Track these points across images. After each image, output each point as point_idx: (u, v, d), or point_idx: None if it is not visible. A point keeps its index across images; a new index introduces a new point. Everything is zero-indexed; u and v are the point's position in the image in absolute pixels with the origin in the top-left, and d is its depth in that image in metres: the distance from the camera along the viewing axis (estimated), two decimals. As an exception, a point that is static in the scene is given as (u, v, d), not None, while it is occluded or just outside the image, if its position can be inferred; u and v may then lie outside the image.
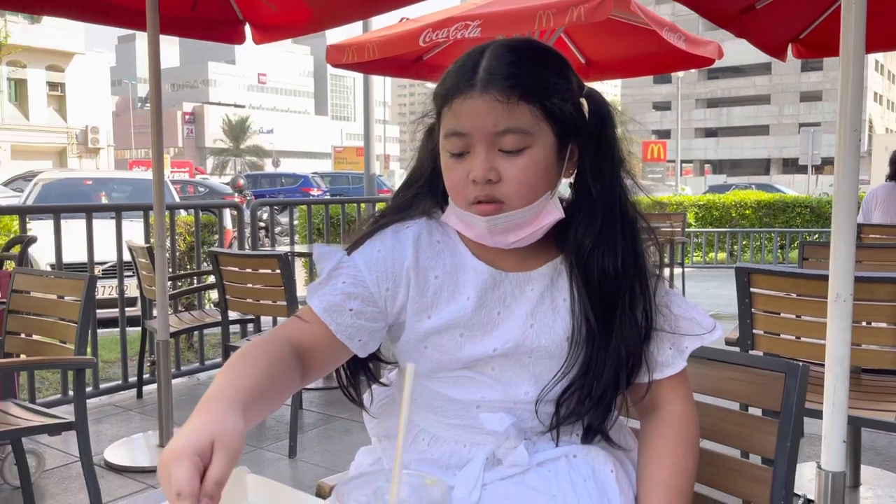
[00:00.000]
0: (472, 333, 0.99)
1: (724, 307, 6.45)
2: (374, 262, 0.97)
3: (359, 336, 0.96)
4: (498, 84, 0.91)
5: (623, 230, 0.99)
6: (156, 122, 3.15)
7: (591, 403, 0.99)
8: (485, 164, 0.92)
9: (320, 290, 0.97)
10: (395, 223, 1.02)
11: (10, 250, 3.58)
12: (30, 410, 2.43)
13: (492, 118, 0.91)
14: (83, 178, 8.95)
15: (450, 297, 0.99)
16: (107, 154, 35.64)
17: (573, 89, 0.97)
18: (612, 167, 0.99)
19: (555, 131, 0.94)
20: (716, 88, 56.10)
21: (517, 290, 1.00)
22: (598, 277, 0.97)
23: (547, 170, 0.95)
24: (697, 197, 12.27)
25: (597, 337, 0.98)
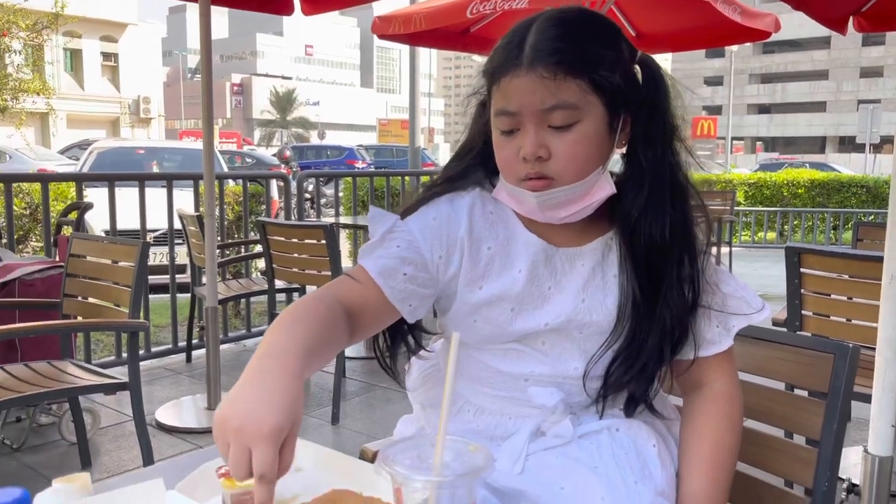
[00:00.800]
0: (523, 307, 0.99)
1: (772, 288, 6.31)
2: (428, 228, 0.97)
3: (410, 301, 0.96)
4: (543, 61, 0.89)
5: (673, 200, 0.97)
6: (207, 94, 3.20)
7: (634, 373, 0.99)
8: (534, 141, 0.91)
9: (374, 251, 0.97)
10: (450, 192, 1.02)
11: (68, 216, 3.70)
12: (86, 370, 2.52)
13: (539, 95, 0.90)
14: (136, 148, 9.17)
15: (501, 268, 0.99)
16: (158, 124, 36.35)
17: (623, 58, 0.95)
18: (663, 135, 0.97)
19: (604, 103, 0.92)
20: (771, 63, 54.28)
21: (568, 266, 1.00)
22: (644, 246, 0.96)
23: (598, 143, 0.94)
24: (748, 175, 11.98)
25: (642, 307, 0.97)
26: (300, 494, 0.85)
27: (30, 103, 8.27)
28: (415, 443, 0.74)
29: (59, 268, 2.92)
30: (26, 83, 7.92)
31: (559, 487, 0.91)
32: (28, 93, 7.94)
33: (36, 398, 2.32)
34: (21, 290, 2.87)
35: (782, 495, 1.15)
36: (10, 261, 3.05)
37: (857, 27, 3.64)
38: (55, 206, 4.76)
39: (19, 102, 7.91)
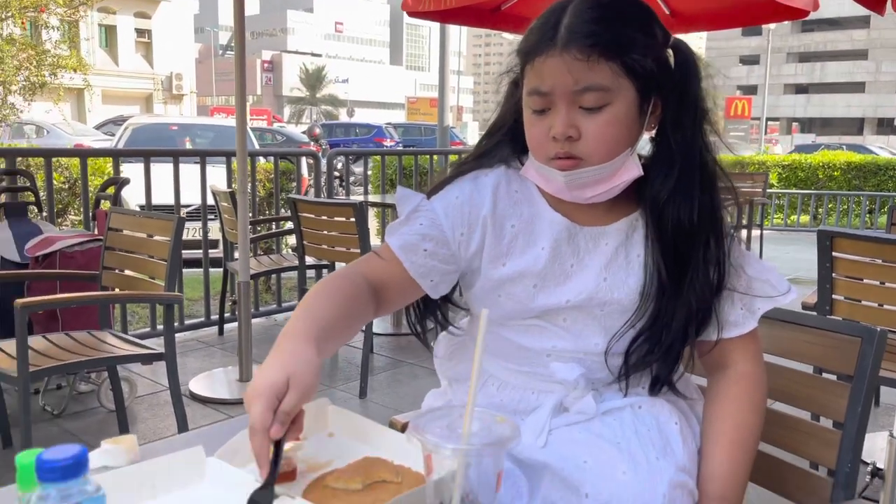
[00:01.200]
0: (545, 284, 1.01)
1: (804, 272, 6.23)
2: (451, 207, 1.01)
3: (431, 276, 1.01)
4: (578, 42, 0.91)
5: (702, 184, 0.98)
6: (240, 72, 3.24)
7: (658, 353, 1.00)
8: (565, 121, 0.93)
9: (399, 229, 1.01)
10: (475, 170, 1.04)
11: (106, 191, 3.78)
12: (124, 340, 2.60)
13: (572, 76, 0.91)
14: (169, 124, 9.29)
15: (525, 246, 1.01)
16: (190, 100, 36.67)
17: (657, 43, 0.96)
18: (694, 119, 0.98)
19: (636, 87, 0.94)
20: (809, 42, 52.87)
21: (591, 244, 1.01)
22: (672, 230, 0.98)
23: (628, 126, 0.95)
24: (782, 157, 11.77)
25: (667, 289, 0.99)
26: (334, 460, 0.89)
27: (67, 79, 8.42)
28: (444, 413, 0.77)
29: (98, 241, 3.00)
30: (64, 59, 8.06)
31: (582, 461, 0.94)
32: (66, 69, 8.08)
33: (77, 366, 2.40)
34: (62, 261, 2.97)
35: (806, 476, 1.17)
36: (51, 233, 3.14)
37: (895, 7, 3.55)
38: (93, 180, 4.87)
39: (57, 78, 8.06)
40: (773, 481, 1.19)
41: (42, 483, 0.54)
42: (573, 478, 0.92)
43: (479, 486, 0.72)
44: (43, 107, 9.52)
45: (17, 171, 3.61)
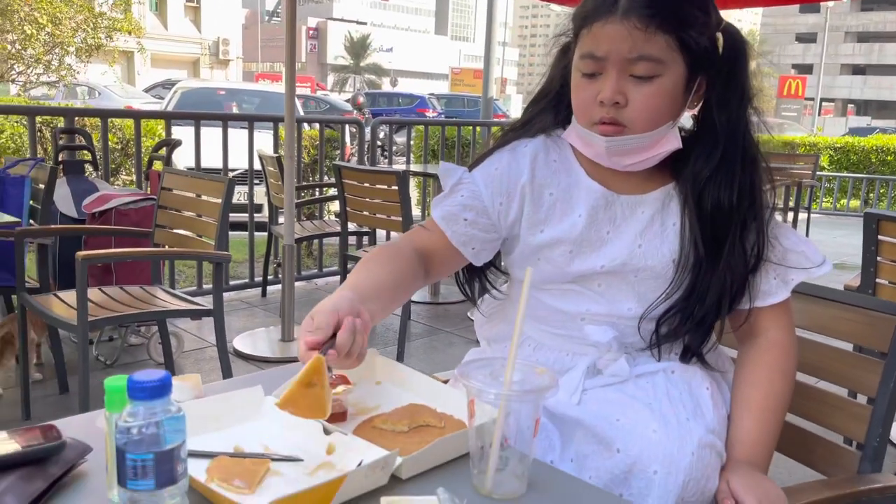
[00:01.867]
0: (582, 250, 1.05)
1: (851, 257, 6.11)
2: (490, 177, 1.06)
3: (472, 244, 1.07)
4: (638, 11, 0.94)
5: (743, 165, 1.01)
6: (290, 39, 3.29)
7: (691, 325, 1.04)
8: (614, 86, 0.96)
9: (442, 201, 1.08)
10: (514, 140, 1.09)
11: (159, 151, 3.90)
12: (174, 296, 2.71)
13: (628, 44, 0.94)
14: (217, 89, 9.43)
15: (563, 213, 1.05)
16: (236, 66, 37.01)
17: (711, 23, 0.98)
18: (739, 102, 1.01)
19: (687, 63, 0.97)
20: (868, 21, 50.81)
21: (628, 212, 1.05)
22: (711, 208, 1.01)
23: (673, 99, 0.98)
24: (834, 139, 11.43)
25: (704, 264, 1.02)
26: (381, 405, 0.95)
27: (122, 42, 8.61)
28: (488, 363, 0.83)
29: (150, 200, 3.11)
30: (119, 22, 8.24)
31: (615, 419, 0.98)
32: (121, 31, 8.26)
33: (131, 318, 2.52)
34: (117, 218, 3.08)
35: (834, 448, 1.20)
36: (107, 191, 3.26)
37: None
38: (144, 142, 5.01)
39: (113, 41, 8.25)
40: (801, 452, 1.22)
41: (132, 401, 0.61)
42: (605, 434, 0.97)
43: (517, 432, 0.77)
44: (98, 69, 9.75)
45: (76, 131, 3.74)
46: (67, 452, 0.74)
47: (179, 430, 0.62)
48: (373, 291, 0.94)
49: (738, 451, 1.02)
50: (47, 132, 5.64)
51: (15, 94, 10.64)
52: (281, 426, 0.85)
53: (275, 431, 0.86)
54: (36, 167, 3.07)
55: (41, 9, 7.31)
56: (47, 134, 5.63)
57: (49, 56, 7.88)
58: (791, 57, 51.25)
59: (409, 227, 3.28)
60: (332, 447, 0.81)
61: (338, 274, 4.44)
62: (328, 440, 0.82)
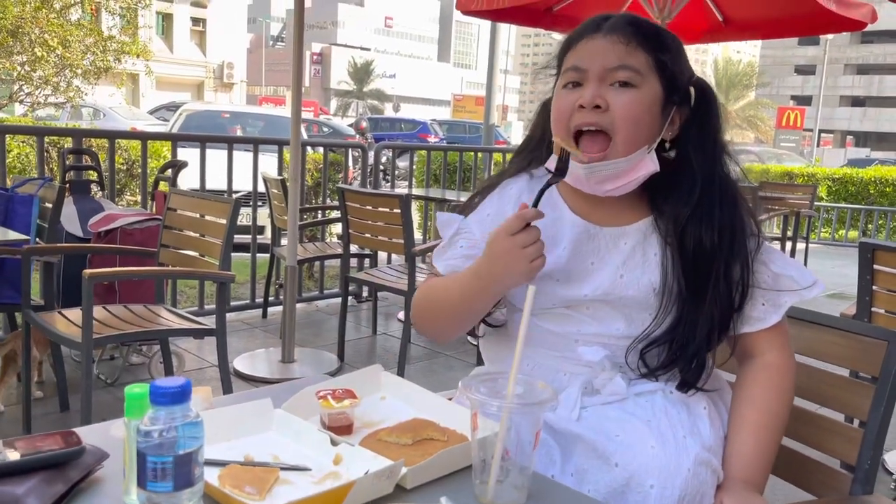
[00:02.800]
0: (569, 280, 1.10)
1: (849, 287, 6.13)
2: (483, 223, 1.13)
3: None
4: (622, 29, 1.03)
5: (722, 205, 1.06)
6: (297, 64, 3.36)
7: (683, 361, 1.07)
8: (595, 92, 1.02)
9: (443, 254, 1.15)
10: (500, 183, 1.16)
11: (165, 173, 3.95)
12: (177, 315, 2.74)
13: (611, 56, 1.02)
14: (221, 111, 9.53)
15: (549, 247, 1.09)
16: (240, 89, 37.36)
17: (685, 63, 1.07)
18: (713, 145, 1.07)
19: (663, 85, 1.03)
20: (868, 54, 51.34)
21: (611, 243, 1.10)
22: (693, 246, 1.05)
23: (650, 116, 1.03)
24: (833, 170, 11.53)
25: (688, 298, 1.06)
26: (386, 419, 0.98)
27: (130, 65, 8.74)
28: (492, 377, 0.86)
29: (156, 220, 3.15)
30: (128, 45, 8.37)
31: (614, 434, 1.01)
32: (130, 54, 8.39)
33: (135, 336, 2.54)
34: (122, 238, 3.12)
35: (827, 471, 1.22)
36: (113, 211, 3.30)
37: (959, 21, 3.49)
38: (150, 163, 5.06)
39: (121, 63, 8.37)
40: (795, 474, 1.25)
41: (154, 406, 0.64)
42: (604, 449, 1.00)
43: (519, 443, 0.80)
44: (105, 90, 9.88)
45: (83, 151, 3.80)
46: (86, 458, 0.77)
47: (197, 435, 0.65)
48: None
49: (734, 469, 1.04)
50: (54, 152, 5.70)
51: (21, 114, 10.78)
52: (289, 437, 0.88)
53: (283, 442, 0.88)
54: (44, 186, 3.12)
55: (52, 31, 7.43)
56: (54, 154, 5.69)
57: (58, 78, 7.99)
58: (790, 88, 51.71)
59: (410, 249, 3.32)
60: (339, 457, 0.84)
61: (339, 296, 4.47)
62: (335, 451, 0.85)
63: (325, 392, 0.96)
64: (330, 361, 3.60)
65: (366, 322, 4.42)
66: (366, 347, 3.91)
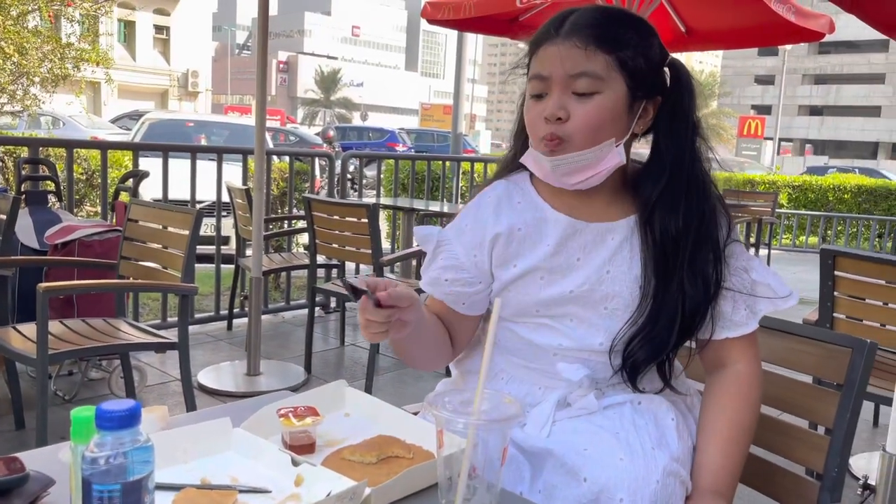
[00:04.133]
0: (553, 276, 1.08)
1: (809, 292, 6.21)
2: (462, 233, 1.12)
3: (461, 300, 1.13)
4: (579, 32, 1.01)
5: (689, 192, 1.05)
6: (261, 72, 3.32)
7: (650, 352, 1.06)
8: (556, 103, 1.01)
9: (427, 268, 1.15)
10: (478, 194, 1.15)
11: (125, 183, 3.86)
12: (138, 329, 2.67)
13: (570, 62, 1.00)
14: (185, 120, 9.39)
15: (532, 246, 1.09)
16: (205, 98, 36.88)
17: (651, 52, 1.04)
18: (685, 132, 1.06)
19: (627, 83, 1.02)
20: (826, 64, 52.74)
21: (598, 239, 1.08)
22: (659, 233, 1.05)
23: (614, 118, 1.02)
24: (793, 177, 11.78)
25: (657, 290, 1.05)
26: (349, 437, 0.95)
27: (89, 73, 8.54)
28: (458, 393, 0.84)
29: (116, 231, 3.07)
30: (87, 53, 8.19)
31: (583, 449, 0.99)
32: (89, 62, 8.21)
33: (93, 351, 2.47)
34: (80, 250, 3.04)
35: (795, 479, 1.22)
36: (71, 222, 3.21)
37: (912, 33, 3.59)
38: (110, 172, 4.95)
39: (80, 71, 8.19)
40: (762, 483, 1.24)
41: (100, 431, 0.60)
42: (573, 464, 0.98)
43: (485, 461, 0.78)
44: (63, 99, 9.66)
45: (40, 161, 3.69)
46: (31, 485, 0.73)
47: (147, 460, 0.62)
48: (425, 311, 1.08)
49: (703, 480, 1.03)
50: (10, 162, 5.54)
51: (-26, 123, 10.49)
52: (249, 458, 0.85)
53: (242, 463, 0.85)
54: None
55: (8, 38, 7.25)
56: (10, 164, 5.53)
57: (14, 86, 7.80)
58: (751, 98, 52.85)
59: (378, 259, 3.29)
60: (300, 479, 0.81)
61: (306, 307, 4.41)
62: (296, 471, 0.82)
63: (287, 410, 0.92)
64: (297, 374, 3.54)
65: (333, 333, 4.36)
66: (333, 359, 3.85)
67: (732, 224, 1.10)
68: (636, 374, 1.07)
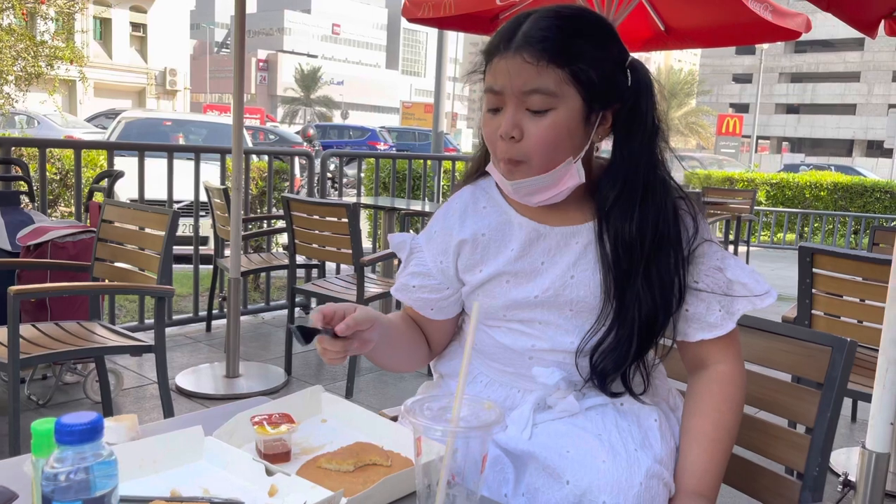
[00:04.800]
0: (518, 280, 1.07)
1: (788, 289, 6.28)
2: (431, 239, 1.13)
3: (429, 306, 1.14)
4: (530, 47, 0.96)
5: (644, 199, 1.02)
6: (238, 70, 3.27)
7: (612, 360, 1.04)
8: (510, 121, 0.98)
9: (399, 275, 1.15)
10: (447, 200, 1.15)
11: (100, 183, 3.80)
12: (113, 332, 2.62)
13: (521, 78, 0.97)
14: (163, 119, 9.27)
15: (497, 251, 1.08)
16: (183, 96, 36.51)
17: (608, 58, 1.00)
18: (643, 136, 1.02)
19: (583, 96, 0.98)
20: (802, 63, 53.37)
21: (562, 243, 1.07)
22: (613, 238, 1.03)
23: (570, 133, 0.99)
24: (770, 175, 11.90)
25: (616, 296, 1.04)
26: (326, 444, 0.93)
27: (63, 71, 8.41)
28: (436, 399, 0.82)
29: (90, 232, 3.02)
30: (61, 51, 8.05)
31: (565, 451, 0.98)
32: (63, 60, 8.08)
33: (67, 355, 2.42)
34: (53, 252, 2.98)
35: (776, 478, 1.21)
36: (44, 223, 3.15)
37: (888, 31, 3.62)
38: (85, 172, 4.87)
39: (53, 69, 8.06)
40: (744, 482, 1.24)
41: (60, 445, 0.58)
42: (556, 466, 0.97)
43: (466, 467, 0.76)
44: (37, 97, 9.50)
45: (12, 161, 3.62)
46: (-10, 501, 0.70)
47: (111, 475, 0.59)
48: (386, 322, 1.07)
49: (687, 482, 1.02)
50: (-18, 162, 5.43)
51: (-53, 122, 10.27)
52: (221, 468, 0.83)
53: (215, 473, 0.83)
54: (-32, 198, 2.95)
55: (-20, 38, 7.14)
56: (-18, 164, 5.42)
57: (-13, 86, 7.68)
58: (729, 96, 53.34)
59: (359, 259, 3.26)
60: (274, 489, 0.79)
61: (285, 308, 4.36)
62: (270, 481, 0.79)
63: (261, 417, 0.90)
64: (277, 375, 3.51)
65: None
66: (314, 360, 3.82)
67: (701, 223, 1.06)
68: (605, 381, 1.06)
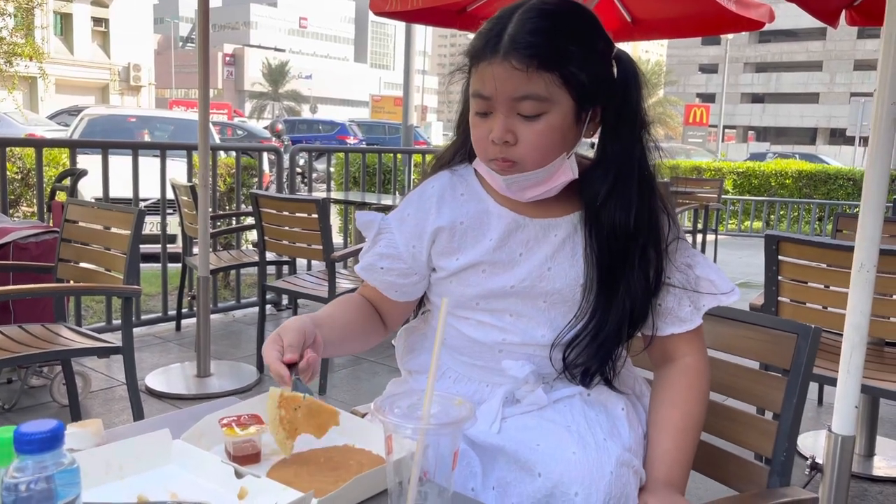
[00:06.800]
0: (495, 270, 1.07)
1: (755, 276, 6.42)
2: (403, 222, 1.10)
3: (393, 288, 1.12)
4: (518, 53, 0.94)
5: (639, 189, 1.03)
6: (203, 65, 3.22)
7: (592, 351, 1.05)
8: (502, 126, 0.97)
9: (365, 254, 1.13)
10: (421, 184, 1.13)
11: (63, 182, 3.72)
12: (79, 333, 2.57)
13: (511, 85, 0.95)
14: (127, 116, 9.11)
15: (475, 239, 1.08)
16: (148, 92, 35.89)
17: (597, 55, 0.99)
18: (632, 128, 1.03)
19: (573, 97, 0.97)
20: (766, 52, 54.21)
21: (541, 234, 1.07)
22: (608, 231, 1.03)
23: (563, 134, 0.99)
24: (737, 164, 12.08)
25: (604, 289, 1.04)
26: (296, 444, 0.92)
27: (22, 67, 8.21)
28: (406, 396, 0.81)
29: (53, 232, 2.95)
30: (20, 47, 7.86)
31: (535, 444, 0.99)
32: (21, 56, 7.88)
33: (31, 359, 2.37)
34: (15, 253, 2.91)
35: (744, 464, 1.23)
36: (4, 224, 3.08)
37: (849, 21, 3.68)
38: (47, 171, 4.76)
39: (13, 66, 7.86)
40: (713, 469, 1.26)
41: (20, 455, 0.56)
42: (526, 459, 0.97)
43: (437, 464, 0.76)
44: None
45: (-30, 160, 3.52)
46: (-52, 513, 0.68)
47: (73, 483, 0.58)
48: (328, 320, 1.05)
49: (657, 472, 1.04)
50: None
51: None
52: (189, 471, 0.81)
53: (183, 477, 0.81)
54: (-76, 199, 2.87)
55: (-63, 34, 6.92)
56: (-61, 164, 5.27)
57: (-56, 83, 7.45)
58: (695, 87, 54.00)
59: (330, 255, 3.24)
60: (244, 491, 0.78)
61: (256, 305, 4.32)
62: (240, 484, 0.78)
63: (229, 419, 0.89)
64: (249, 373, 3.47)
65: (286, 331, 4.29)
66: (286, 357, 3.79)
67: (675, 219, 1.08)
68: (582, 374, 1.07)
